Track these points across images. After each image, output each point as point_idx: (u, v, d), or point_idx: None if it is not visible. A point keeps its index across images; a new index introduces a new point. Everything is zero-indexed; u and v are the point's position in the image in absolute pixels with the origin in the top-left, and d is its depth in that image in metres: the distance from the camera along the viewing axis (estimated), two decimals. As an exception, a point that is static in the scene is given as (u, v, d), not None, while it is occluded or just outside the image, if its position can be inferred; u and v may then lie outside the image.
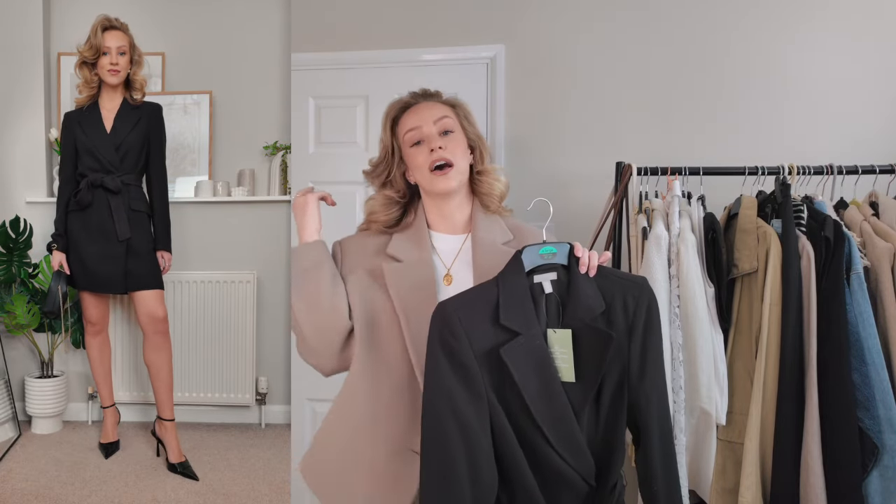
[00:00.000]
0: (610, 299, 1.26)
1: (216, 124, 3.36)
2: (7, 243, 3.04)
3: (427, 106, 1.45)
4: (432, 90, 1.49)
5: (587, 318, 1.24)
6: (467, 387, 1.21)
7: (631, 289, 1.28)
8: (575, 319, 1.24)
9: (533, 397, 1.21)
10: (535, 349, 1.22)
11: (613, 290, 1.27)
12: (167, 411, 2.86)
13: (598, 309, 1.25)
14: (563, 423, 1.21)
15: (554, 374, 1.22)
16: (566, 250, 1.30)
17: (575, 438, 1.22)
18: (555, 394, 1.22)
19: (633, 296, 1.26)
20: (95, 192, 2.79)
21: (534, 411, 1.20)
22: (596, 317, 1.24)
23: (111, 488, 2.65)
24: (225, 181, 3.28)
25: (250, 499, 2.59)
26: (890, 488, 1.65)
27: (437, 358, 1.23)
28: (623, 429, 1.26)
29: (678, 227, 1.85)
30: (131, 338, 3.21)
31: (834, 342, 1.69)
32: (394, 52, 2.60)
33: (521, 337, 1.22)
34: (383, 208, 1.47)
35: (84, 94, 2.87)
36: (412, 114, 1.44)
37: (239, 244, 3.26)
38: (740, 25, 2.38)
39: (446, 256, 1.44)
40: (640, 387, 1.25)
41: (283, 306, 3.21)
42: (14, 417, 3.11)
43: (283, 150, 3.21)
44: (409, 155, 1.43)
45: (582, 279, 1.27)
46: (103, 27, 2.80)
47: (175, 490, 2.64)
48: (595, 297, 1.26)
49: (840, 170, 1.93)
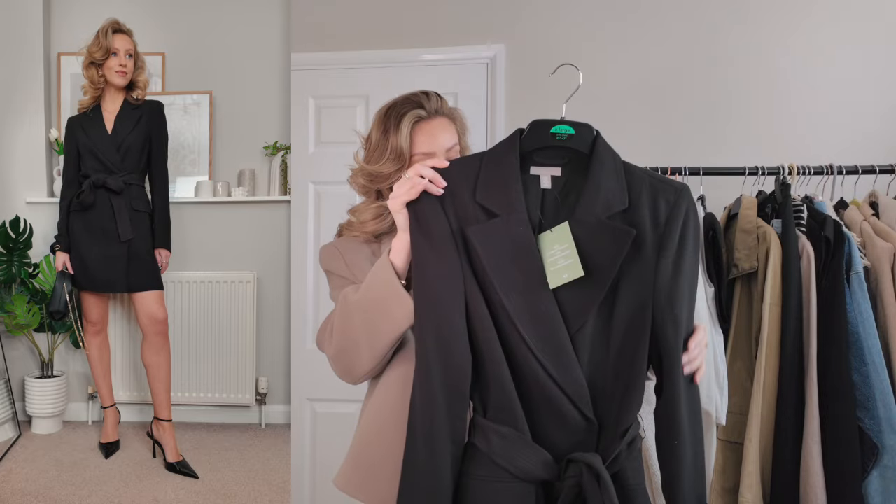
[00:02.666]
0: (636, 198, 1.05)
1: (216, 124, 3.36)
2: (7, 243, 3.05)
3: (441, 126, 1.36)
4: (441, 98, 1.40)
5: (603, 214, 1.04)
6: (439, 262, 1.06)
7: (665, 191, 1.06)
8: (589, 215, 1.04)
9: (508, 290, 1.03)
10: (512, 234, 1.04)
11: (641, 187, 1.06)
12: (165, 412, 2.86)
13: (619, 206, 1.04)
14: (546, 326, 1.03)
15: (536, 266, 1.03)
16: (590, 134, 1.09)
17: (561, 347, 1.02)
18: (535, 289, 1.03)
19: (668, 200, 1.05)
20: (97, 193, 2.80)
21: (507, 305, 1.03)
22: (614, 214, 1.04)
23: (111, 488, 2.65)
24: (225, 181, 3.28)
25: (250, 499, 2.59)
26: (890, 488, 1.65)
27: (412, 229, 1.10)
28: (643, 363, 1.04)
29: (678, 227, 1.85)
30: (131, 338, 3.21)
31: (834, 342, 1.69)
32: (394, 52, 2.59)
33: (498, 219, 1.05)
34: (375, 220, 1.39)
35: (89, 96, 2.90)
36: (427, 134, 1.35)
37: (239, 244, 3.26)
38: (741, 25, 2.38)
39: None
40: (668, 312, 1.03)
41: (283, 306, 3.21)
42: (14, 417, 3.11)
43: (283, 150, 3.21)
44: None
45: (604, 170, 1.06)
46: (113, 29, 2.83)
47: (175, 490, 2.64)
48: (618, 192, 1.05)
49: (840, 170, 1.93)
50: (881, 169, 1.93)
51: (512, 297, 1.03)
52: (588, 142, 1.09)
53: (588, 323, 1.04)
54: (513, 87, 2.53)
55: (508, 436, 1.03)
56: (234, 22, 3.35)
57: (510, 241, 1.04)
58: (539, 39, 2.52)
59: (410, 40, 2.60)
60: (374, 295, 1.19)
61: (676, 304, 1.03)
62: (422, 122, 1.35)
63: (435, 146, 1.34)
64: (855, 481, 1.65)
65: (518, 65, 2.53)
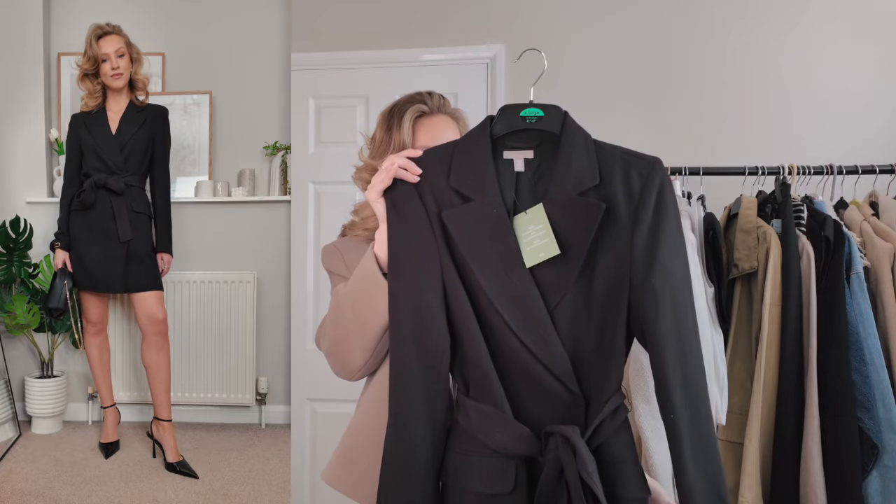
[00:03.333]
0: (608, 174, 1.06)
1: (216, 124, 3.36)
2: (7, 243, 3.05)
3: (443, 123, 1.39)
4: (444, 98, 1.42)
5: (574, 190, 1.05)
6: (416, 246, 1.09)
7: (637, 165, 1.07)
8: (561, 193, 1.06)
9: (484, 270, 1.05)
10: (487, 216, 1.06)
11: (613, 163, 1.07)
12: (165, 412, 2.86)
13: (591, 182, 1.05)
14: (521, 303, 1.04)
15: (512, 248, 1.05)
16: (559, 115, 1.10)
17: (537, 323, 1.03)
18: (512, 268, 1.04)
19: (640, 174, 1.06)
20: (98, 193, 2.80)
21: (485, 286, 1.04)
22: (587, 190, 1.05)
23: (111, 488, 2.65)
24: (225, 181, 3.28)
25: (250, 499, 2.59)
26: (890, 488, 1.65)
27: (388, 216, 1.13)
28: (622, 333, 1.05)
29: (678, 227, 1.85)
30: (131, 338, 3.21)
31: (834, 342, 1.69)
32: (394, 52, 2.60)
33: (472, 203, 1.07)
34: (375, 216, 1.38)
35: (93, 101, 2.90)
36: (429, 130, 1.37)
37: (239, 244, 3.26)
38: (741, 25, 2.38)
39: None
40: (645, 284, 1.03)
41: (283, 306, 3.21)
42: (14, 417, 3.11)
43: (283, 150, 3.21)
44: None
45: (575, 149, 1.08)
46: (97, 36, 2.82)
47: (175, 490, 2.64)
48: (587, 169, 1.06)
49: (840, 170, 1.93)
50: (881, 169, 1.93)
51: (489, 277, 1.05)
52: (558, 122, 1.11)
53: (566, 298, 1.05)
54: (513, 87, 2.53)
55: (487, 412, 1.05)
56: (234, 22, 3.35)
57: (485, 223, 1.06)
58: (539, 39, 2.51)
59: (410, 40, 2.60)
60: (360, 286, 1.21)
61: (653, 274, 1.03)
62: (424, 117, 1.38)
63: (436, 142, 1.35)
64: (855, 481, 1.65)
65: (518, 65, 2.53)
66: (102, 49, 2.81)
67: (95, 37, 2.81)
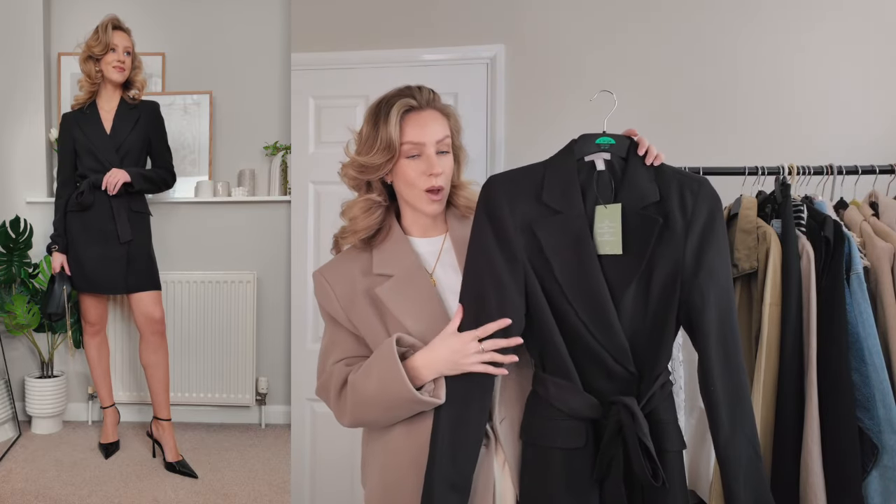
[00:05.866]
0: (666, 192, 1.29)
1: (216, 124, 3.36)
2: (7, 243, 3.05)
3: (432, 117, 1.37)
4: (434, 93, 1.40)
5: (638, 206, 1.27)
6: (503, 251, 1.29)
7: (689, 184, 1.30)
8: (627, 206, 1.28)
9: (563, 271, 1.27)
10: (573, 227, 1.28)
11: (670, 183, 1.30)
12: (164, 411, 2.86)
13: (652, 198, 1.28)
14: (595, 299, 1.25)
15: (591, 252, 1.27)
16: (626, 143, 1.33)
17: (605, 316, 1.25)
18: (589, 270, 1.26)
19: (692, 191, 1.28)
20: (96, 194, 2.79)
21: (563, 284, 1.26)
22: (648, 205, 1.28)
23: (111, 488, 2.65)
24: (225, 181, 3.29)
25: (250, 499, 2.59)
26: (890, 488, 1.65)
27: (480, 223, 1.32)
28: (672, 323, 1.28)
29: (678, 227, 1.85)
30: (130, 338, 3.21)
31: (834, 342, 1.69)
32: (394, 52, 2.59)
33: (560, 215, 1.29)
34: (365, 214, 1.39)
35: (85, 91, 2.88)
36: (417, 125, 1.35)
37: (239, 244, 3.26)
38: (741, 25, 2.38)
39: (428, 260, 1.42)
40: (693, 283, 1.26)
41: (283, 306, 3.21)
42: (14, 417, 3.12)
43: (283, 150, 3.21)
44: (401, 164, 1.36)
45: (638, 170, 1.31)
46: (113, 25, 2.83)
47: (175, 490, 2.64)
48: (649, 188, 1.29)
49: (840, 170, 1.93)
50: (881, 169, 1.93)
51: (567, 275, 1.27)
52: (625, 148, 1.34)
53: (628, 294, 1.27)
54: (513, 87, 2.53)
55: (562, 385, 1.29)
56: (234, 22, 3.35)
57: (569, 232, 1.28)
58: (539, 39, 2.51)
59: (410, 40, 2.60)
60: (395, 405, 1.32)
61: (700, 274, 1.26)
62: (412, 112, 1.35)
63: (424, 136, 1.34)
64: (855, 481, 1.64)
65: (518, 65, 2.53)
66: (114, 40, 2.82)
67: (112, 25, 2.83)
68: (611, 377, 1.28)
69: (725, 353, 1.29)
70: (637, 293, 1.27)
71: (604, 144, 1.33)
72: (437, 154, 1.36)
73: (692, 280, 1.26)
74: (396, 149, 1.34)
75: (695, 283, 1.26)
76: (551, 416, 1.30)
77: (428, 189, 1.35)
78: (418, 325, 1.34)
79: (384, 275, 1.38)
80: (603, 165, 1.32)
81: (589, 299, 1.26)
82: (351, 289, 1.39)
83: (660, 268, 1.26)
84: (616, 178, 1.32)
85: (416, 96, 1.36)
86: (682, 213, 1.27)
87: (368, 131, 1.36)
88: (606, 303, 1.26)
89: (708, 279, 1.27)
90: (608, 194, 1.31)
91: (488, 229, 1.31)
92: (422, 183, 1.35)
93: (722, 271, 1.29)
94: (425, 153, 1.35)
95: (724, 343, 1.28)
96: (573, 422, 1.29)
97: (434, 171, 1.34)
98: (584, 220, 1.28)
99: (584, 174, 1.32)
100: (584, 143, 1.34)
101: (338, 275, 1.42)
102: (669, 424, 1.31)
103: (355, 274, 1.40)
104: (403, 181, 1.37)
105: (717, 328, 1.27)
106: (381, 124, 1.34)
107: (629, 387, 1.29)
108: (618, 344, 1.27)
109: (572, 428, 1.29)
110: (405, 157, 1.35)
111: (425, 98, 1.37)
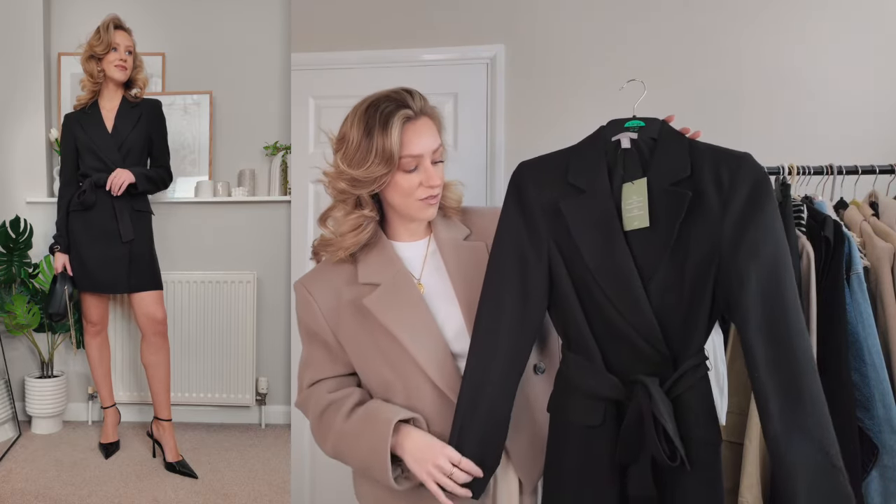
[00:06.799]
0: (698, 168, 1.24)
1: (216, 124, 3.36)
2: (7, 243, 3.05)
3: (426, 127, 1.30)
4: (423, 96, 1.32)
5: (667, 182, 1.24)
6: (529, 229, 1.30)
7: (726, 160, 1.24)
8: (654, 183, 1.24)
9: (589, 250, 1.25)
10: (599, 205, 1.26)
11: (703, 159, 1.25)
12: (164, 411, 2.86)
13: (682, 174, 1.23)
14: (619, 277, 1.23)
15: (617, 230, 1.24)
16: (657, 125, 1.31)
17: (633, 293, 1.22)
18: (615, 249, 1.24)
19: (730, 168, 1.22)
20: (98, 193, 2.79)
21: (589, 263, 1.25)
22: (679, 181, 1.23)
23: (111, 488, 2.65)
24: (225, 181, 3.28)
25: (250, 499, 2.59)
26: (890, 488, 1.65)
27: (508, 203, 1.34)
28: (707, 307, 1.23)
29: (678, 227, 1.85)
30: (130, 338, 3.21)
31: (834, 342, 1.69)
32: (394, 52, 2.59)
33: (585, 194, 1.27)
34: (356, 231, 1.33)
35: (87, 91, 2.89)
36: (415, 136, 1.28)
37: (239, 244, 3.26)
38: (742, 28, 2.38)
39: (413, 265, 1.38)
40: (732, 262, 1.19)
41: (283, 306, 3.21)
42: (14, 417, 3.11)
43: (283, 150, 3.21)
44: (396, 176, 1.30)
45: (669, 148, 1.27)
46: (115, 25, 2.84)
47: (175, 490, 2.64)
48: (680, 164, 1.24)
49: (840, 170, 1.93)
50: (881, 169, 1.93)
51: (594, 255, 1.25)
52: (656, 129, 1.31)
53: (659, 273, 1.23)
54: (513, 87, 2.53)
55: (582, 364, 1.29)
56: (234, 22, 3.35)
57: (595, 210, 1.26)
58: (539, 39, 2.52)
59: (410, 40, 2.60)
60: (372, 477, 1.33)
61: (739, 254, 1.20)
62: (409, 122, 1.28)
63: (422, 148, 1.29)
64: (855, 481, 1.65)
65: (518, 65, 2.53)
66: (116, 39, 2.82)
67: (114, 25, 2.83)
68: (640, 358, 1.25)
69: (772, 339, 1.19)
70: (670, 272, 1.23)
71: (633, 127, 1.30)
72: (433, 164, 1.31)
73: (731, 259, 1.19)
74: (396, 162, 1.27)
75: (733, 263, 1.19)
76: (571, 393, 1.30)
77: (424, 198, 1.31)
78: (408, 336, 1.31)
79: (371, 284, 1.33)
80: (629, 143, 1.29)
81: (615, 277, 1.23)
82: (336, 301, 1.34)
83: (694, 246, 1.21)
84: (643, 157, 1.28)
85: (412, 105, 1.28)
86: (717, 190, 1.21)
87: (360, 139, 1.27)
88: (633, 280, 1.22)
89: (749, 259, 1.19)
90: (636, 173, 1.27)
91: (513, 208, 1.33)
92: (420, 193, 1.31)
93: (768, 251, 1.19)
94: (423, 165, 1.29)
95: (770, 328, 1.18)
96: (592, 400, 1.28)
97: (433, 182, 1.30)
98: (609, 198, 1.26)
99: (612, 154, 1.30)
100: (613, 127, 1.32)
101: (321, 287, 1.36)
102: (700, 411, 1.25)
103: (339, 285, 1.35)
104: (398, 193, 1.31)
105: (760, 311, 1.18)
106: (378, 134, 1.25)
107: (661, 369, 1.24)
108: (646, 322, 1.22)
109: (590, 406, 1.27)
110: (402, 170, 1.29)
111: (419, 105, 1.29)
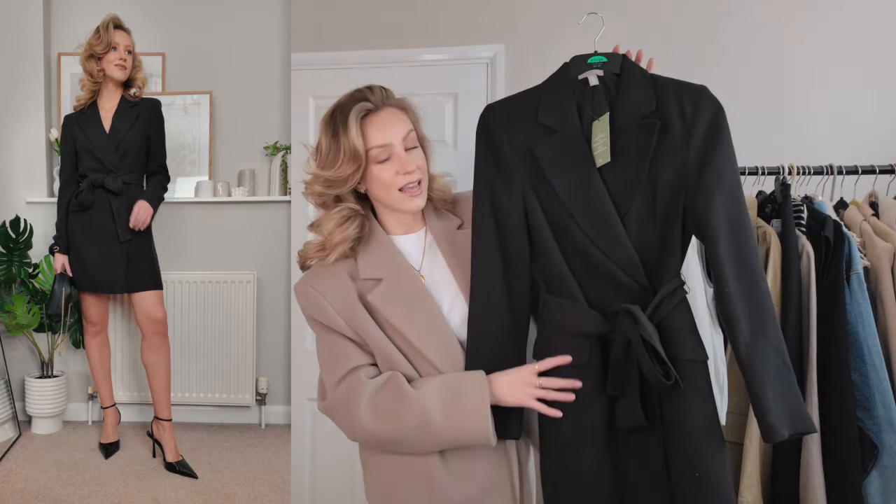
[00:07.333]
0: (663, 101, 1.28)
1: (216, 124, 3.36)
2: (7, 243, 3.05)
3: (391, 115, 1.31)
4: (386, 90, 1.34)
5: (635, 117, 1.27)
6: (501, 173, 1.32)
7: (687, 92, 1.28)
8: (623, 119, 1.27)
9: (564, 189, 1.27)
10: (570, 144, 1.28)
11: (667, 92, 1.29)
12: (165, 411, 2.86)
13: (647, 108, 1.27)
14: (597, 213, 1.25)
15: (591, 167, 1.26)
16: (618, 59, 1.33)
17: (611, 228, 1.25)
18: (591, 186, 1.26)
19: (691, 99, 1.27)
20: (96, 193, 2.80)
21: (566, 202, 1.27)
22: (645, 115, 1.27)
23: (111, 488, 2.65)
24: (225, 181, 3.29)
25: (250, 499, 2.59)
26: (890, 488, 1.65)
27: (479, 150, 1.36)
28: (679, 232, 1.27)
29: (678, 227, 1.85)
30: (131, 338, 3.21)
31: (834, 342, 1.69)
32: (394, 52, 2.59)
33: (556, 133, 1.29)
34: (341, 228, 1.33)
35: (86, 90, 2.89)
36: (379, 127, 1.30)
37: (239, 244, 3.26)
38: (740, 25, 2.38)
39: (413, 257, 1.39)
40: (698, 187, 1.25)
41: (283, 306, 3.20)
42: (14, 417, 3.11)
43: (283, 151, 3.21)
44: (372, 170, 1.31)
45: (633, 83, 1.30)
46: (115, 25, 2.84)
47: (175, 490, 2.64)
48: (645, 98, 1.28)
49: (840, 170, 1.93)
50: (881, 169, 1.93)
51: (570, 193, 1.27)
52: (618, 64, 1.34)
53: (634, 206, 1.25)
54: (513, 87, 2.52)
55: (563, 304, 1.30)
56: (234, 22, 3.35)
57: (567, 148, 1.28)
58: (539, 39, 2.51)
59: (410, 40, 2.60)
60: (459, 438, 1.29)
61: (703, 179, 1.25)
62: (370, 115, 1.30)
63: (389, 137, 1.30)
64: (855, 481, 1.65)
65: (518, 65, 2.53)
66: (115, 38, 2.82)
67: (114, 25, 2.83)
68: (621, 291, 1.26)
69: (738, 257, 1.25)
70: (643, 205, 1.26)
71: (596, 63, 1.33)
72: (407, 151, 1.31)
73: (696, 184, 1.25)
74: (363, 157, 1.28)
75: (699, 188, 1.24)
76: (555, 335, 1.30)
77: (406, 187, 1.31)
78: (414, 330, 1.31)
79: (373, 279, 1.33)
80: (596, 81, 1.32)
81: (592, 213, 1.25)
82: (346, 296, 1.33)
83: (663, 176, 1.25)
84: (610, 93, 1.31)
85: (370, 98, 1.30)
86: (681, 120, 1.26)
87: (328, 143, 1.30)
88: (611, 215, 1.24)
89: (713, 183, 1.24)
90: (603, 109, 1.29)
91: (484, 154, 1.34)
92: (398, 182, 1.30)
93: (730, 175, 1.27)
94: (394, 153, 1.30)
95: (736, 247, 1.25)
96: (576, 338, 1.28)
97: (408, 168, 1.30)
98: (580, 135, 1.28)
99: (580, 92, 1.32)
100: (577, 64, 1.35)
101: (327, 283, 1.35)
102: (684, 332, 1.28)
103: (345, 279, 1.34)
104: (379, 186, 1.32)
105: (728, 232, 1.24)
106: (341, 134, 1.28)
107: (642, 300, 1.26)
108: (627, 256, 1.25)
109: (575, 345, 1.27)
110: (375, 162, 1.30)
111: (379, 97, 1.31)
